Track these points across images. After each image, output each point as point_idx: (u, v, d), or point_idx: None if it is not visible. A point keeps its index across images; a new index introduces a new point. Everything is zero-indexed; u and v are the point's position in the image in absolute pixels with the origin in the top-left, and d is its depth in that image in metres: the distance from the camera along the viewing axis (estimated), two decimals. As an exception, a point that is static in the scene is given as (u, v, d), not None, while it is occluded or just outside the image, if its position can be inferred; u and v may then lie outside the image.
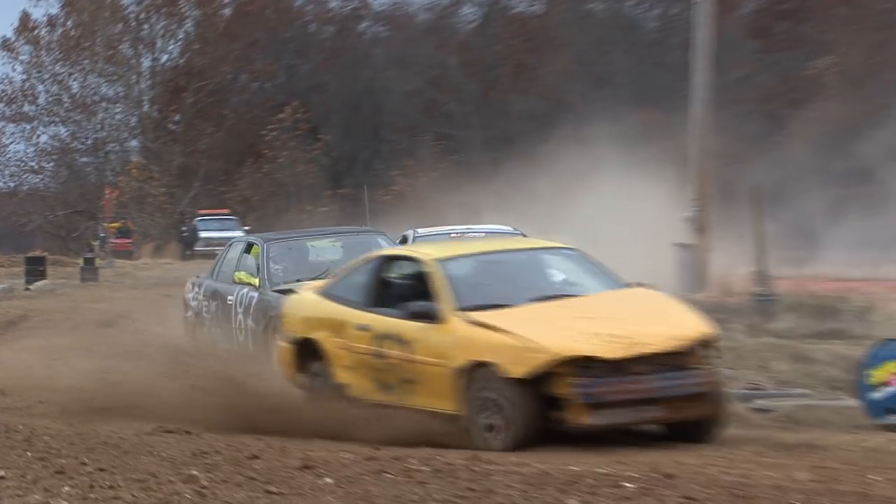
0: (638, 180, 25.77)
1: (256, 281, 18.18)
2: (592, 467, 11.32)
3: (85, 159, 77.80)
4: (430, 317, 13.74)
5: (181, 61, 77.47)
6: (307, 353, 15.12)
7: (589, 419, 12.98)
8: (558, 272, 14.89)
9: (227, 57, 74.60)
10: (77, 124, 76.68)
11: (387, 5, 76.75)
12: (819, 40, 66.90)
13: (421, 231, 22.86)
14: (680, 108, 28.93)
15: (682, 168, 26.80)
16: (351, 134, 67.19)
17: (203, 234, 61.48)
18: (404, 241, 21.48)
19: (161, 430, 13.96)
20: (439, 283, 13.88)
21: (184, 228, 65.91)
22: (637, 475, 10.84)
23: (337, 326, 14.86)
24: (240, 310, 18.38)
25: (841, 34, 66.70)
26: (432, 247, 17.46)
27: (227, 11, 78.30)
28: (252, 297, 18.18)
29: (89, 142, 76.49)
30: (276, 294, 17.56)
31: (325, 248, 19.44)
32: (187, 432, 13.82)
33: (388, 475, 11.00)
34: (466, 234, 21.90)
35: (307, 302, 15.71)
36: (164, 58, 77.96)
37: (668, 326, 13.68)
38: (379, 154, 53.04)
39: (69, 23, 77.13)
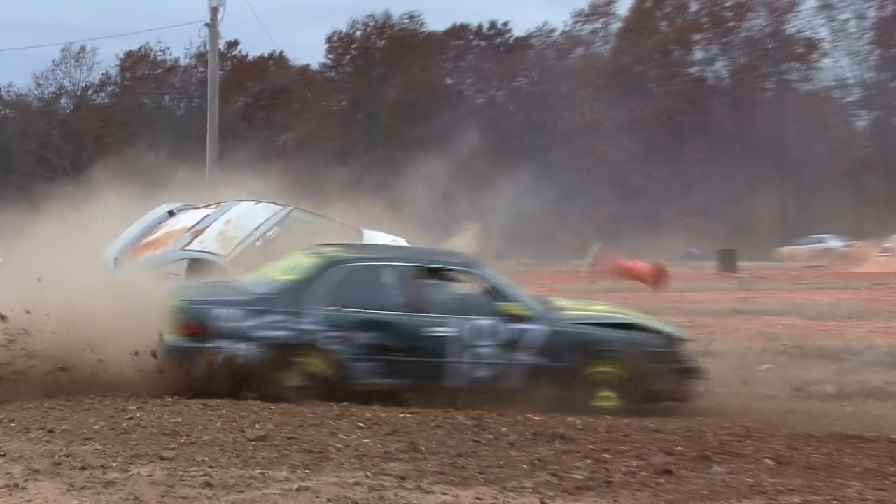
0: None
1: (529, 312, 10.75)
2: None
3: None
4: None
5: None
6: None
7: None
8: None
9: None
10: None
11: (12, 96, 74.30)
12: (284, 123, 67.88)
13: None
14: (200, 164, 28.94)
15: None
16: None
17: None
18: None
19: None
20: None
21: None
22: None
23: None
24: (485, 342, 10.44)
25: (296, 120, 68.01)
26: None
27: None
28: (526, 331, 10.61)
29: None
30: (593, 327, 10.93)
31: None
32: None
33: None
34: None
35: None
36: None
37: None
38: (7, 190, 51.44)
39: None
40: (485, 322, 10.63)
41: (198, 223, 13.34)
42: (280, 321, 10.39)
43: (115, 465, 7.29)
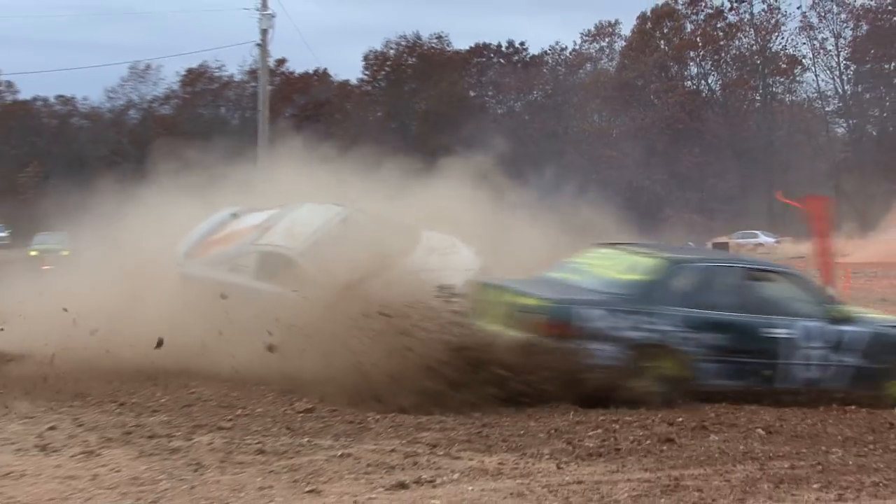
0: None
1: (853, 315, 9.99)
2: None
3: None
4: None
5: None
6: None
7: None
8: None
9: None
10: None
11: (87, 108, 74.30)
12: (327, 132, 67.93)
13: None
14: (251, 169, 28.97)
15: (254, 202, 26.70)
16: (70, 174, 65.90)
17: None
18: None
19: None
20: None
21: None
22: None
23: None
24: (816, 343, 9.53)
25: (337, 129, 67.90)
26: None
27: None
28: (851, 333, 9.76)
29: None
30: None
31: None
32: None
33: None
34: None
35: None
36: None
37: None
38: (80, 190, 51.57)
39: None
40: (814, 324, 9.64)
41: (264, 221, 12.85)
42: (639, 321, 9.14)
43: (179, 434, 7.32)
